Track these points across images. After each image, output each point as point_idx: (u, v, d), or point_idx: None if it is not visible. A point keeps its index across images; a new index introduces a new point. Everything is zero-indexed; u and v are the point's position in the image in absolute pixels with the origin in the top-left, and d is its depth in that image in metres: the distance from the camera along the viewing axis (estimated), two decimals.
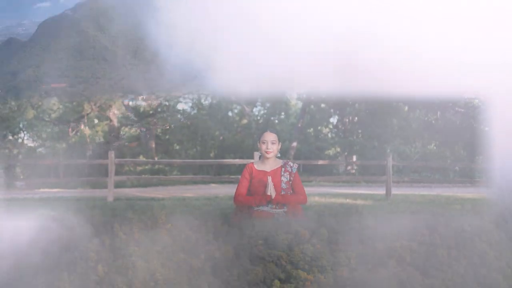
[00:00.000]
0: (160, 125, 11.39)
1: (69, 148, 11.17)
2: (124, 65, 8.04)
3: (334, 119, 13.24)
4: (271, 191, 4.08)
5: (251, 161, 4.41)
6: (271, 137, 4.22)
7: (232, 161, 10.19)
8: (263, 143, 4.22)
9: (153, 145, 12.18)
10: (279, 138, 4.27)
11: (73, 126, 11.43)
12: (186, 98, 11.15)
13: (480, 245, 4.41)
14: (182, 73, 6.80)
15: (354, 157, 12.66)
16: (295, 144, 12.02)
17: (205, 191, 8.67)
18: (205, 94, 10.57)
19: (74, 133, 11.58)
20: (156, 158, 12.01)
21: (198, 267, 4.00)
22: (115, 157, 8.20)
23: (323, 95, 10.00)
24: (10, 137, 10.44)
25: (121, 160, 9.34)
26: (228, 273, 3.98)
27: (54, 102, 9.66)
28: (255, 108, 13.01)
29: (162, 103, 10.94)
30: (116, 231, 4.19)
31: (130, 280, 3.90)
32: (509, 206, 5.09)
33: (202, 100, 11.88)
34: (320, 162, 10.68)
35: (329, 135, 13.42)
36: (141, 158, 11.86)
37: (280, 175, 4.22)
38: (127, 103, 10.56)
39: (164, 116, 11.34)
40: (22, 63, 8.37)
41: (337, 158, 12.97)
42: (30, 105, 9.67)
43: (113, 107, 10.70)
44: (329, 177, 10.40)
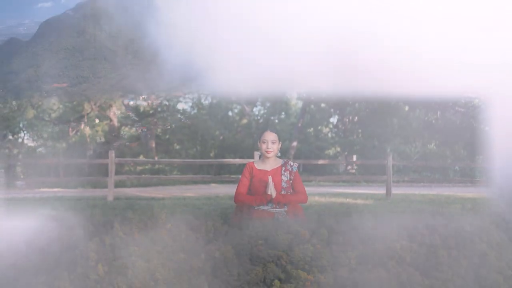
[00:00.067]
0: (160, 125, 11.37)
1: (69, 147, 11.17)
2: (125, 65, 8.03)
3: (334, 119, 13.23)
4: (271, 191, 4.08)
5: (251, 161, 4.41)
6: (271, 136, 4.23)
7: (232, 160, 10.19)
8: (264, 142, 4.23)
9: (153, 145, 12.17)
10: (279, 138, 4.27)
11: (73, 125, 11.42)
12: (186, 98, 11.15)
13: (480, 245, 4.41)
14: (182, 73, 6.80)
15: (354, 156, 12.64)
16: (295, 143, 12.01)
17: (205, 191, 8.66)
18: (205, 94, 10.58)
19: (74, 132, 11.58)
20: (156, 158, 12.00)
21: (198, 267, 4.00)
22: (115, 157, 8.20)
23: (323, 95, 9.98)
24: (10, 137, 10.44)
25: (121, 159, 9.33)
26: (228, 273, 3.98)
27: (54, 101, 9.65)
28: (255, 107, 13.00)
29: (162, 103, 10.93)
30: (116, 231, 4.20)
31: (130, 280, 3.91)
32: (509, 206, 5.09)
33: (202, 100, 11.87)
34: (320, 162, 10.68)
35: (329, 134, 13.40)
36: (141, 157, 11.85)
37: (281, 174, 4.23)
38: (127, 103, 10.56)
39: (164, 116, 11.32)
40: (23, 63, 8.37)
41: (337, 158, 12.96)
42: (30, 104, 9.66)
43: (113, 106, 10.70)
44: (329, 177, 10.39)
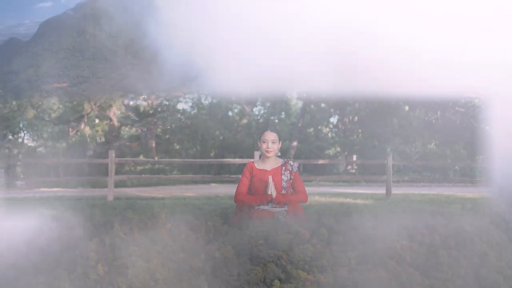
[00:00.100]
0: (160, 125, 11.38)
1: (69, 147, 11.18)
2: (125, 65, 8.04)
3: (334, 119, 13.25)
4: (271, 191, 4.09)
5: (251, 160, 4.42)
6: (271, 136, 4.23)
7: (232, 160, 10.20)
8: (264, 142, 4.22)
9: (153, 145, 12.18)
10: (279, 137, 4.27)
11: (73, 125, 11.43)
12: (186, 98, 11.16)
13: (480, 245, 4.41)
14: (182, 73, 6.80)
15: (354, 156, 12.66)
16: (295, 143, 12.03)
17: (205, 191, 8.67)
18: (205, 94, 10.59)
19: (74, 132, 11.59)
20: (156, 158, 12.00)
21: (198, 267, 4.00)
22: (115, 157, 8.20)
23: (323, 95, 10.00)
24: (10, 137, 10.44)
25: (121, 159, 9.35)
26: (228, 273, 3.98)
27: (54, 101, 9.66)
28: (255, 107, 13.02)
29: (162, 102, 10.94)
30: (116, 231, 4.19)
31: (130, 280, 3.91)
32: (509, 206, 5.09)
33: (202, 100, 11.89)
34: (320, 162, 10.69)
35: (329, 134, 13.42)
36: (141, 157, 11.86)
37: (281, 174, 4.23)
38: (127, 103, 10.56)
39: (164, 116, 11.34)
40: (23, 62, 8.38)
41: (337, 158, 12.97)
42: (30, 104, 9.67)
43: (113, 106, 10.70)
44: (329, 177, 10.41)
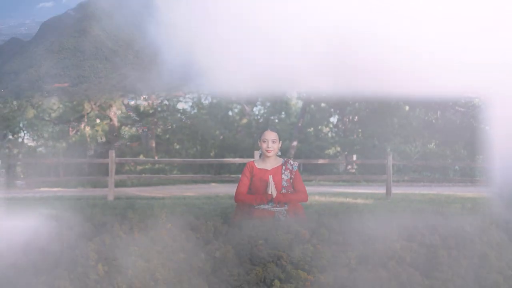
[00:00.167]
0: (160, 124, 11.37)
1: (69, 147, 11.17)
2: (126, 65, 8.04)
3: (334, 119, 13.21)
4: (272, 190, 4.08)
5: (251, 160, 4.41)
6: (271, 135, 4.23)
7: (233, 160, 10.17)
8: (264, 141, 4.23)
9: (154, 145, 12.15)
10: (279, 137, 4.27)
11: (73, 125, 11.43)
12: (186, 98, 11.14)
13: (480, 245, 4.41)
14: (182, 73, 6.80)
15: (354, 156, 12.62)
16: (295, 143, 12.00)
17: (205, 190, 8.66)
18: (205, 93, 10.57)
19: (75, 132, 11.58)
20: (157, 158, 11.98)
21: (198, 267, 4.00)
22: (115, 156, 8.20)
23: (323, 95, 9.97)
24: (10, 137, 10.43)
25: (121, 159, 9.33)
26: (228, 273, 3.99)
27: (54, 101, 9.65)
28: (255, 107, 12.98)
29: (162, 102, 10.93)
30: (116, 231, 4.20)
31: (130, 279, 3.91)
32: (509, 206, 5.09)
33: (202, 100, 11.85)
34: (320, 161, 10.67)
35: (329, 134, 13.38)
36: (142, 157, 11.84)
37: (281, 173, 4.23)
38: (127, 102, 10.56)
39: (164, 116, 11.32)
40: (24, 62, 8.37)
41: (337, 157, 12.94)
42: (30, 104, 9.66)
43: (113, 106, 10.70)
44: (329, 176, 10.38)
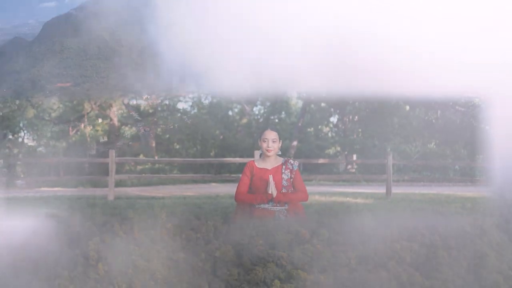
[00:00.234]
0: (160, 124, 11.37)
1: (70, 147, 11.18)
2: (128, 65, 8.03)
3: (334, 118, 13.22)
4: (272, 189, 4.09)
5: (251, 159, 4.41)
6: (272, 135, 4.23)
7: (233, 160, 10.18)
8: (264, 141, 4.23)
9: (154, 144, 12.16)
10: (279, 136, 4.27)
11: (74, 125, 11.43)
12: (186, 98, 11.15)
13: (480, 245, 4.42)
14: (182, 73, 6.81)
15: (354, 156, 12.64)
16: (295, 143, 12.01)
17: (205, 190, 8.67)
18: (205, 93, 10.57)
19: (75, 132, 11.59)
20: (157, 157, 11.99)
21: (198, 266, 4.01)
22: (115, 156, 8.20)
23: (323, 95, 9.99)
24: (11, 136, 10.44)
25: (121, 159, 9.33)
26: (228, 273, 3.99)
27: (54, 101, 9.65)
28: (255, 107, 13.00)
29: (162, 102, 10.94)
30: (117, 230, 4.20)
31: (130, 279, 3.91)
32: (509, 206, 5.09)
33: (202, 100, 11.87)
34: (321, 161, 10.69)
35: (329, 134, 13.40)
36: (142, 157, 11.84)
37: (281, 173, 4.23)
38: (127, 102, 10.56)
39: (164, 116, 11.32)
40: (27, 62, 8.37)
41: (337, 157, 12.95)
42: (30, 104, 9.66)
43: (113, 106, 10.70)
44: (329, 176, 10.38)
